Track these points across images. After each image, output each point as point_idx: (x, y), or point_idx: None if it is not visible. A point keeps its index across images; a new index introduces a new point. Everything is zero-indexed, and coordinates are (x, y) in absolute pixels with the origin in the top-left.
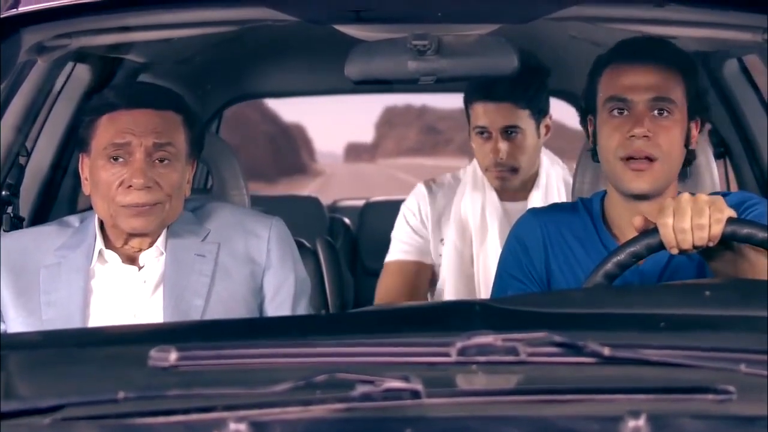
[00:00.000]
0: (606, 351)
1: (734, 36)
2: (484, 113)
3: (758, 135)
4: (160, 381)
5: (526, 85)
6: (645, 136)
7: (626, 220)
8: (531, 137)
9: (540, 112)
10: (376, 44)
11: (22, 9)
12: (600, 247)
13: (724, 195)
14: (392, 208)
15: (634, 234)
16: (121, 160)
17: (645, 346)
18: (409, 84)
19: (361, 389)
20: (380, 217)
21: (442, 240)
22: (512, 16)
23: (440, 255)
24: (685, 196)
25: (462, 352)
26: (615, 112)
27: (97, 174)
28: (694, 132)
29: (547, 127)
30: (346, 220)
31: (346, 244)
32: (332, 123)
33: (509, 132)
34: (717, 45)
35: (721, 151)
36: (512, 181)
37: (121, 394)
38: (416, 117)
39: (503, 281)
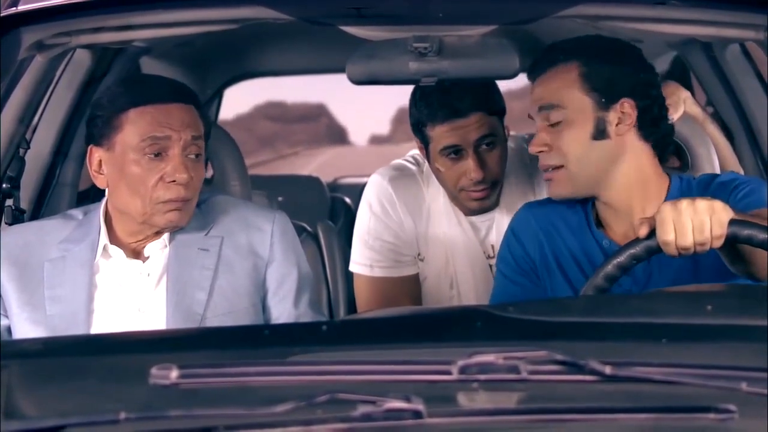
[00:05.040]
0: (607, 369)
1: (735, 34)
2: (451, 131)
3: (759, 120)
4: (162, 399)
5: (484, 88)
6: (541, 151)
7: (607, 215)
8: (502, 142)
9: (503, 111)
10: (377, 45)
11: (21, 8)
12: (591, 239)
13: (713, 177)
14: None
15: (618, 228)
16: (160, 155)
17: (646, 363)
18: (412, 84)
19: (362, 409)
20: None
21: (419, 255)
22: (514, 17)
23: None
24: (684, 205)
25: (463, 370)
26: (532, 131)
27: (129, 169)
28: (629, 112)
29: (507, 128)
30: (347, 200)
31: (347, 224)
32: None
33: (488, 143)
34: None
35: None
36: (492, 198)
37: (122, 415)
38: None
39: (502, 276)
